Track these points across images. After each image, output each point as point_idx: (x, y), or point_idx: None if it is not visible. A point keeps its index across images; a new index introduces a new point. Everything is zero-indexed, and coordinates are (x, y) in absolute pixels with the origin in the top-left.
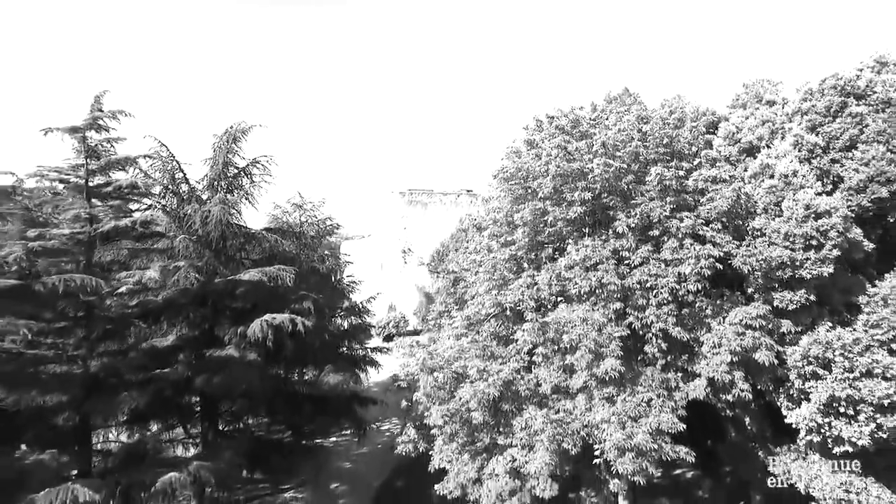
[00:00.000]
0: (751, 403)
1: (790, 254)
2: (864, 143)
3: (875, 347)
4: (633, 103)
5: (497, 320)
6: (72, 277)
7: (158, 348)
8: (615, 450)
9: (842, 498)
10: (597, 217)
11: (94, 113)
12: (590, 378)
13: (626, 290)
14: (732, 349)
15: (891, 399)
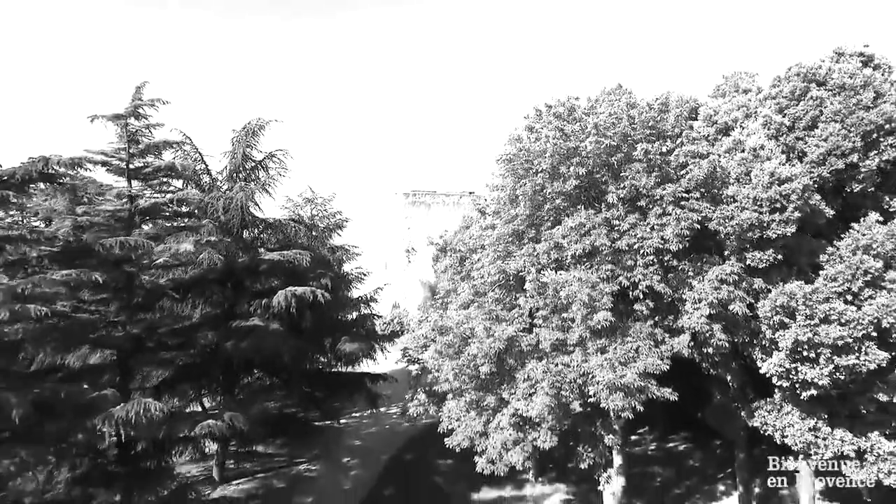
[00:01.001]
0: (731, 362)
1: (758, 216)
2: (824, 122)
3: (833, 298)
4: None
5: (501, 289)
6: (126, 240)
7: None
8: (607, 389)
9: (810, 441)
10: (590, 192)
11: (134, 102)
12: (585, 331)
13: (617, 252)
14: (710, 302)
15: (844, 340)
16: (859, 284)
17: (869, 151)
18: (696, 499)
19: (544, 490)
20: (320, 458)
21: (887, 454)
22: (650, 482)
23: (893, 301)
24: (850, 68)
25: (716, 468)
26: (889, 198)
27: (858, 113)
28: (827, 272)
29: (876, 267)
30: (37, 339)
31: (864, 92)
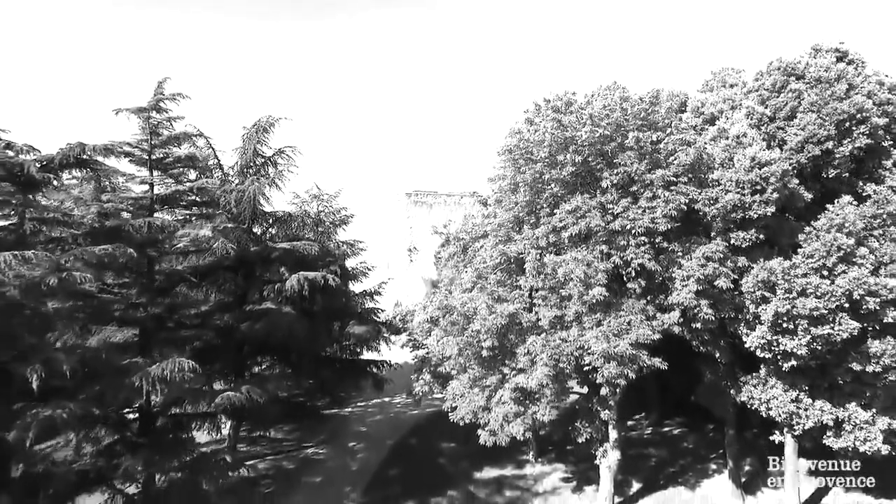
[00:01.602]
0: (719, 339)
1: (741, 198)
2: (802, 112)
3: (810, 273)
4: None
5: (502, 272)
6: (153, 220)
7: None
8: (601, 358)
9: (793, 412)
10: (586, 179)
11: (157, 96)
12: (581, 306)
13: (610, 233)
14: (697, 278)
15: (820, 312)
16: (833, 260)
17: (843, 139)
18: (689, 476)
19: (544, 469)
20: (328, 443)
21: (863, 423)
22: (645, 462)
23: (863, 275)
24: (826, 63)
25: (708, 449)
26: (863, 182)
27: (833, 104)
28: (804, 250)
29: (848, 244)
30: (68, 317)
31: (838, 84)
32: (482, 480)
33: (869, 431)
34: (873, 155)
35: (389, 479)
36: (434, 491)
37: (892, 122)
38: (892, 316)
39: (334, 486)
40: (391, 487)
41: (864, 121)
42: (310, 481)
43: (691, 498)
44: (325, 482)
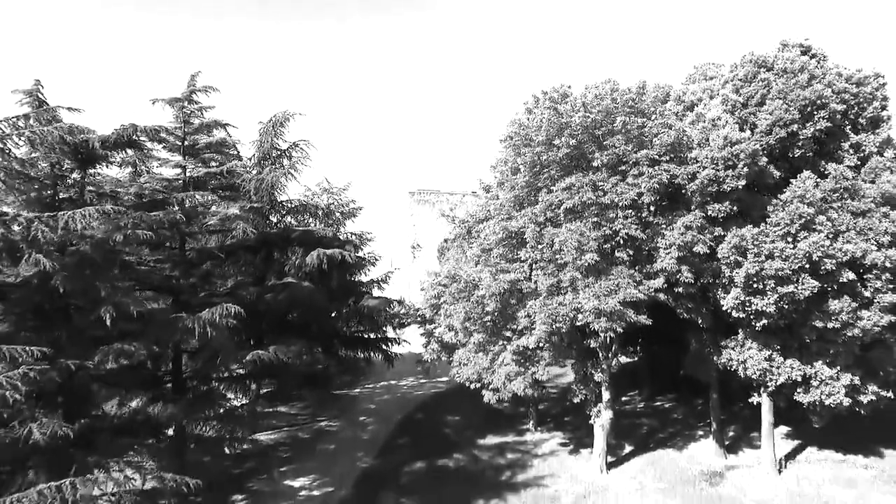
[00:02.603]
0: (701, 307)
1: (715, 172)
2: (770, 99)
3: (777, 239)
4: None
5: (505, 247)
6: (194, 194)
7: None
8: (593, 314)
9: (766, 369)
10: (579, 161)
11: (189, 87)
12: (575, 272)
13: (601, 207)
14: (678, 245)
15: (784, 272)
16: (796, 227)
17: (806, 122)
18: (677, 440)
19: (543, 436)
20: (339, 418)
21: (828, 379)
22: (637, 430)
23: (821, 239)
24: (792, 56)
25: (695, 419)
26: (825, 162)
27: (797, 91)
28: (771, 219)
29: (809, 213)
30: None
31: (801, 75)
32: (485, 446)
33: (833, 387)
34: (833, 137)
35: (399, 447)
36: (440, 456)
37: (850, 109)
38: (847, 277)
39: (347, 452)
40: (401, 453)
41: (824, 106)
42: (324, 448)
43: (678, 457)
44: (339, 449)
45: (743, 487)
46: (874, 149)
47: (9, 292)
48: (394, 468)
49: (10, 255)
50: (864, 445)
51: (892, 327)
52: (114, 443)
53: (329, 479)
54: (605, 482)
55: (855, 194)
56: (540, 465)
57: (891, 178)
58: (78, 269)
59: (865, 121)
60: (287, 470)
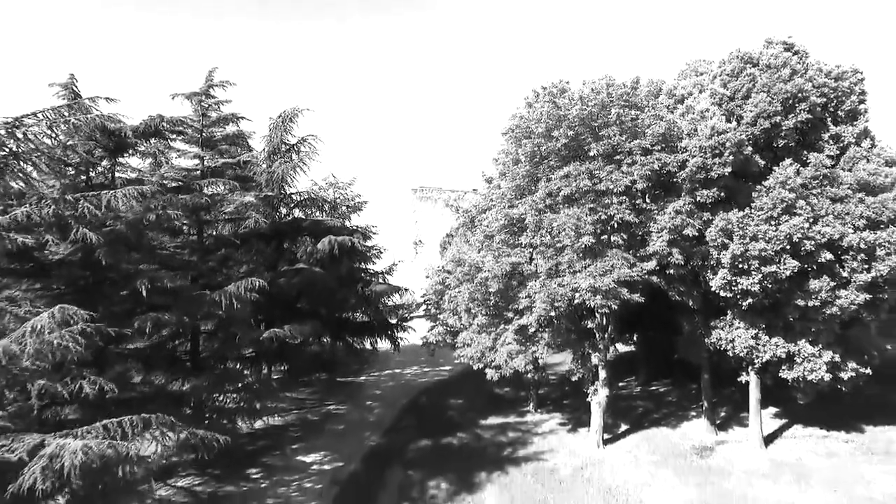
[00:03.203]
0: (693, 290)
1: (703, 160)
2: (755, 92)
3: (760, 223)
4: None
5: (507, 233)
6: (216, 181)
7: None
8: (589, 292)
9: (752, 346)
10: (576, 151)
11: (207, 82)
12: (573, 254)
13: (597, 193)
14: (669, 228)
15: (767, 253)
16: (778, 211)
17: (788, 114)
18: (671, 420)
19: (542, 417)
20: (346, 402)
21: (810, 356)
22: (633, 411)
23: (801, 222)
24: (775, 52)
25: (689, 401)
26: (806, 152)
27: (779, 85)
28: (755, 203)
29: (790, 197)
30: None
31: (784, 70)
32: (488, 426)
33: (815, 363)
34: (814, 128)
35: (404, 427)
36: (444, 435)
37: (829, 102)
38: (826, 257)
39: (355, 432)
40: (406, 433)
41: (805, 99)
42: (332, 429)
43: (671, 434)
44: (347, 430)
45: (731, 459)
46: (852, 139)
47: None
48: (400, 446)
49: (60, 230)
50: (845, 422)
51: (869, 306)
52: (145, 409)
53: (338, 456)
54: (602, 456)
55: (833, 181)
56: (540, 442)
57: (866, 166)
58: (114, 245)
59: (844, 113)
60: (298, 447)
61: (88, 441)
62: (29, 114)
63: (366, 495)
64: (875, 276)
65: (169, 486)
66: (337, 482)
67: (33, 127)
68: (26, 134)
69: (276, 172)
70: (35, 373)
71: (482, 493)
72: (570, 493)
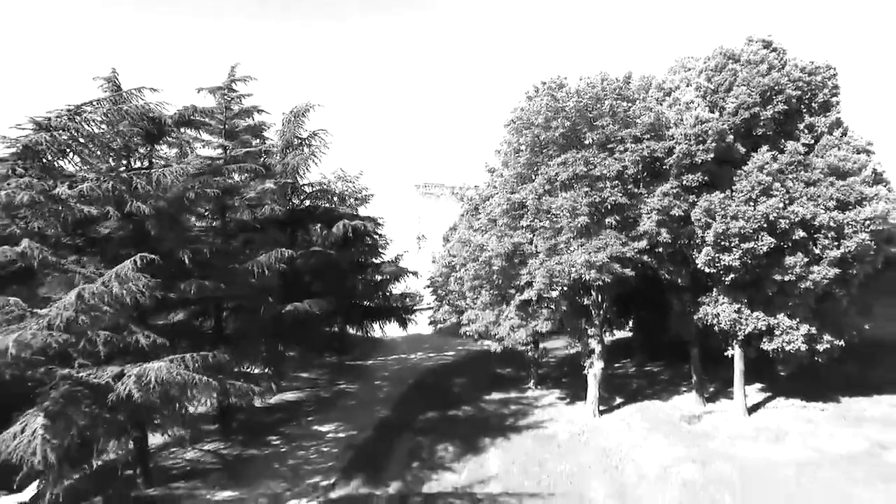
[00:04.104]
0: (682, 269)
1: (688, 147)
2: (736, 86)
3: (741, 204)
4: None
5: (509, 217)
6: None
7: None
8: (584, 266)
9: (735, 319)
10: (573, 141)
11: (230, 77)
12: (570, 233)
13: (592, 179)
14: (657, 209)
15: (746, 231)
16: (756, 193)
17: (766, 106)
18: (663, 394)
19: (542, 393)
20: (356, 381)
21: (788, 328)
22: (628, 387)
23: (776, 203)
24: (755, 49)
25: (681, 379)
26: (784, 140)
27: (758, 79)
28: (736, 186)
29: (766, 180)
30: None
31: (762, 65)
32: (491, 400)
33: (792, 335)
34: (790, 119)
35: (412, 401)
36: (450, 408)
37: (804, 94)
38: (800, 234)
39: (366, 407)
40: (414, 405)
41: (781, 92)
42: (345, 404)
43: (663, 405)
44: (358, 405)
45: (717, 426)
46: (825, 129)
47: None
48: (409, 417)
49: (116, 204)
50: (823, 395)
51: (839, 281)
52: None
53: (352, 426)
54: (597, 423)
55: (807, 167)
56: (539, 413)
57: (837, 153)
58: (159, 219)
59: (818, 105)
60: (313, 419)
61: (165, 363)
62: (86, 102)
63: (380, 457)
64: (844, 252)
65: (197, 449)
66: (352, 447)
67: (90, 114)
68: (84, 120)
69: (289, 164)
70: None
71: (486, 454)
72: (568, 454)
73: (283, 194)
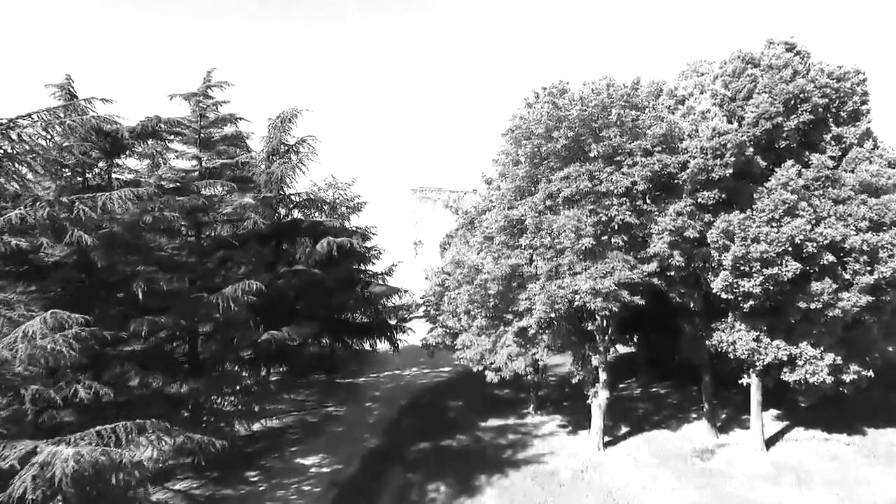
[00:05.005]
0: (694, 292)
1: (704, 161)
2: (756, 93)
3: (762, 225)
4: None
5: (506, 234)
6: (213, 182)
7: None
8: (589, 294)
9: (754, 349)
10: (576, 153)
11: (205, 83)
12: (573, 255)
13: (598, 195)
14: (670, 230)
15: (769, 255)
16: (780, 213)
17: (790, 115)
18: (671, 422)
19: (542, 419)
20: (346, 403)
21: (812, 358)
22: (633, 413)
23: (802, 224)
24: (777, 52)
25: (689, 404)
26: (808, 152)
27: (781, 86)
28: (757, 205)
29: (791, 199)
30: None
31: (785, 70)
32: (487, 427)
33: (817, 366)
34: (816, 129)
35: (403, 428)
36: (444, 436)
37: (831, 102)
38: (828, 259)
39: (354, 434)
40: (405, 433)
41: (807, 100)
42: (332, 430)
43: (671, 436)
44: (346, 432)
45: (732, 462)
46: (854, 140)
47: (47, 272)
48: (399, 448)
49: (55, 232)
50: (848, 424)
51: (871, 308)
52: (142, 412)
53: (338, 458)
54: (602, 458)
55: (835, 182)
56: (540, 444)
57: (869, 167)
58: (110, 247)
59: (846, 114)
60: (297, 450)
61: (81, 448)
62: (24, 115)
63: (365, 498)
64: (878, 278)
65: (166, 489)
66: (336, 484)
67: (28, 128)
68: (21, 135)
69: (274, 173)
70: (28, 378)
71: (482, 496)
72: (570, 496)
73: (268, 205)
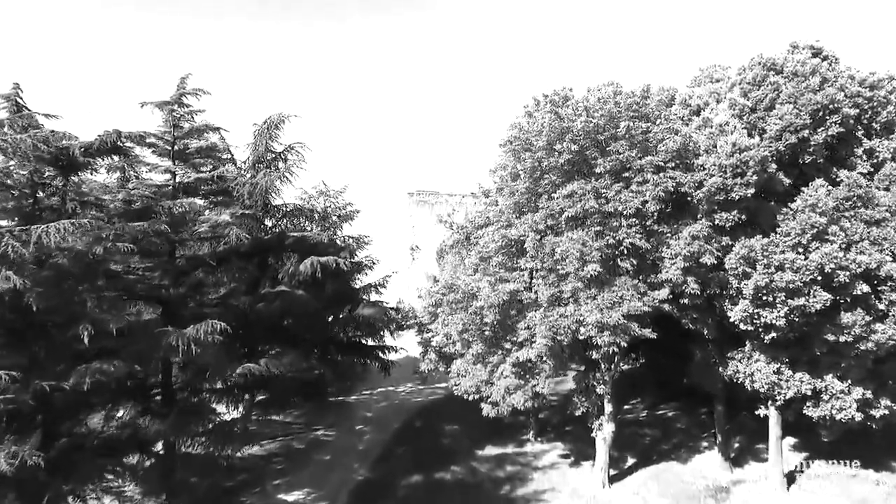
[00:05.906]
0: (707, 317)
1: (723, 180)
2: (780, 103)
3: (787, 250)
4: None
5: (504, 255)
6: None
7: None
8: (596, 328)
9: (774, 382)
10: (581, 167)
11: (179, 90)
12: (577, 282)
13: (604, 215)
14: (684, 255)
15: (795, 284)
16: (808, 237)
17: (817, 128)
18: (681, 452)
19: (543, 447)
20: (335, 426)
21: (839, 392)
22: (640, 440)
23: (834, 250)
24: (802, 58)
25: (699, 429)
26: (836, 169)
27: (808, 95)
28: (781, 228)
29: (821, 222)
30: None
31: (813, 78)
32: (484, 457)
33: (844, 401)
34: (846, 143)
35: (395, 457)
36: (438, 467)
37: (863, 113)
38: (861, 289)
39: (342, 464)
40: (397, 463)
41: (836, 111)
42: (319, 459)
43: (682, 470)
44: (334, 460)
45: (749, 503)
46: (888, 155)
47: None
48: (390, 480)
49: None
50: (875, 459)
51: None
52: (95, 463)
53: (324, 492)
54: (608, 497)
55: (868, 202)
56: (540, 478)
57: None
58: (56, 282)
59: (879, 126)
60: (281, 483)
61: None
62: None
63: None
64: None
65: None
66: None
67: None
68: None
69: (259, 184)
70: None
71: None
72: None
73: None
